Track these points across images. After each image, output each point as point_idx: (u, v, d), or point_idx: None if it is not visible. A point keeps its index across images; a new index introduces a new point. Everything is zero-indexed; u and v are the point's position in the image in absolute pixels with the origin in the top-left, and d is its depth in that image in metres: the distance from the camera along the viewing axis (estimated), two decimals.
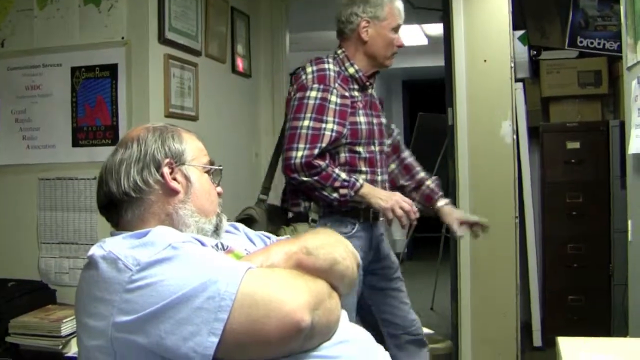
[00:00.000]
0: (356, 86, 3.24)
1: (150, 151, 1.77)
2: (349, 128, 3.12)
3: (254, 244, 2.00)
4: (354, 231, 3.16)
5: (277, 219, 3.28)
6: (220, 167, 1.94)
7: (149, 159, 1.76)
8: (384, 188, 3.27)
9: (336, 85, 3.13)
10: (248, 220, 3.20)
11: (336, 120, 3.07)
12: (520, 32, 5.31)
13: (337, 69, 3.21)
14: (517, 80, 5.03)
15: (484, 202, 4.38)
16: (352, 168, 3.16)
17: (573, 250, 5.16)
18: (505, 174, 4.27)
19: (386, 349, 2.10)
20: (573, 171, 5.20)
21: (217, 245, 1.75)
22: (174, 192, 1.77)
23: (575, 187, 5.20)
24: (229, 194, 2.06)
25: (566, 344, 1.98)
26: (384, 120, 3.42)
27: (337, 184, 3.03)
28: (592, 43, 5.39)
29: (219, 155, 2.04)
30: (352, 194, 3.04)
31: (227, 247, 1.77)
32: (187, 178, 1.80)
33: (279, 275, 1.53)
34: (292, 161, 3.02)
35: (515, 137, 4.64)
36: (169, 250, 1.49)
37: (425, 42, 8.56)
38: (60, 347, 3.07)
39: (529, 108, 5.31)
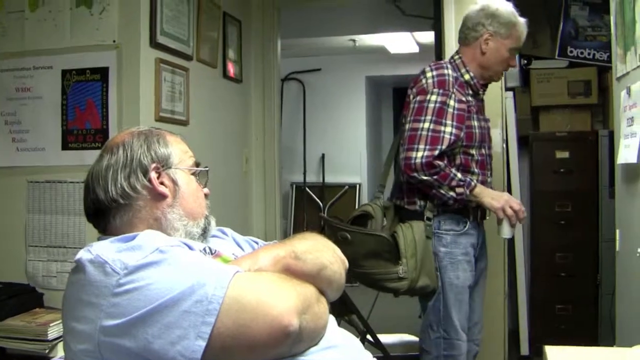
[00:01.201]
0: (470, 92, 3.38)
1: (136, 156, 1.76)
2: (465, 131, 3.27)
3: (242, 248, 2.00)
4: (465, 229, 3.34)
5: (392, 216, 3.50)
6: (207, 169, 1.94)
7: (136, 165, 1.75)
8: (492, 189, 3.42)
9: (454, 90, 3.26)
10: (364, 216, 3.44)
11: (454, 123, 3.21)
12: None
13: (455, 74, 3.33)
14: (507, 89, 5.05)
15: None
16: (465, 169, 3.31)
17: (561, 259, 5.17)
18: (495, 182, 4.26)
19: None
20: (562, 180, 5.21)
21: (205, 249, 1.75)
22: (162, 197, 1.76)
23: (564, 196, 5.21)
24: (220, 199, 2.07)
25: (553, 353, 1.98)
26: (490, 124, 3.54)
27: (453, 183, 3.19)
28: (582, 53, 5.41)
29: (209, 159, 2.05)
30: (468, 192, 3.21)
31: (215, 251, 1.77)
32: (174, 182, 1.80)
33: (266, 279, 1.53)
34: (413, 161, 3.17)
35: (505, 145, 4.64)
36: (156, 254, 1.49)
37: (416, 49, 8.57)
38: (47, 351, 3.05)
39: (519, 117, 5.32)
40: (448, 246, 3.30)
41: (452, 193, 3.20)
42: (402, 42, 8.27)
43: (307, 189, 9.52)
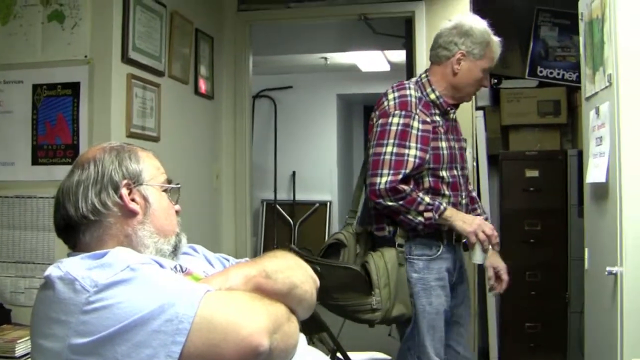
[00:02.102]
0: (437, 111, 3.28)
1: (107, 172, 1.75)
2: (431, 153, 3.17)
3: (212, 266, 2.00)
4: (439, 253, 3.23)
5: (364, 243, 3.41)
6: (178, 186, 1.93)
7: (107, 181, 1.74)
8: (467, 211, 3.36)
9: (417, 110, 3.18)
10: (337, 245, 3.38)
11: (419, 146, 3.13)
12: None
13: (418, 94, 3.26)
14: (477, 108, 5.09)
15: None
16: (435, 192, 3.22)
17: (531, 277, 5.19)
18: None
19: None
20: (531, 199, 5.25)
21: (175, 267, 1.74)
22: (133, 214, 1.75)
23: (534, 214, 5.24)
24: (190, 215, 2.06)
25: None
26: (464, 144, 3.48)
27: (421, 207, 3.10)
28: (551, 73, 5.46)
29: (179, 176, 2.04)
30: (437, 217, 3.11)
31: (186, 269, 1.77)
32: (145, 198, 1.79)
33: (237, 298, 1.53)
34: (377, 187, 3.09)
35: (475, 164, 4.67)
36: (127, 272, 1.48)
37: (387, 68, 8.62)
38: None
39: (489, 136, 5.35)
40: (420, 272, 3.21)
41: (420, 218, 3.11)
42: (374, 60, 8.33)
43: (277, 206, 9.53)
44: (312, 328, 3.54)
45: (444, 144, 3.23)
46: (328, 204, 9.48)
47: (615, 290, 2.69)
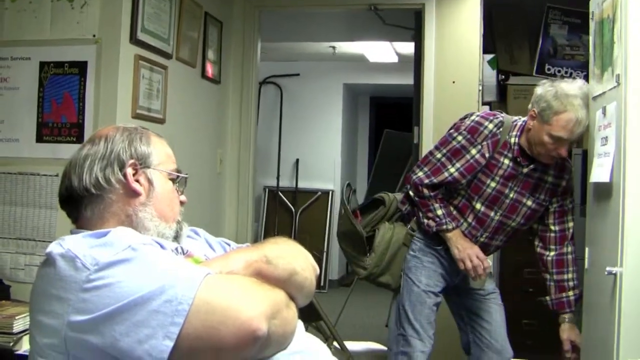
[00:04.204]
0: (510, 155, 3.33)
1: (116, 150, 1.76)
2: (473, 182, 3.36)
3: (213, 249, 2.00)
4: (439, 248, 3.47)
5: (396, 210, 3.73)
6: (186, 176, 1.93)
7: (114, 158, 1.75)
8: (484, 250, 3.45)
9: (483, 143, 3.32)
10: (378, 202, 3.76)
11: (461, 169, 3.33)
12: (489, 56, 5.34)
13: (496, 130, 3.33)
14: (484, 103, 5.08)
15: None
16: (460, 212, 3.43)
17: (529, 274, 5.18)
18: None
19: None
20: None
21: (176, 249, 1.74)
22: (135, 194, 1.75)
23: None
24: (193, 199, 2.06)
25: None
26: (532, 202, 3.41)
27: (430, 214, 3.39)
28: (559, 71, 5.45)
29: (184, 158, 2.04)
30: (434, 229, 3.38)
31: (187, 251, 1.77)
32: (150, 181, 1.79)
33: (237, 282, 1.53)
34: (412, 175, 3.45)
35: None
36: (128, 252, 1.48)
37: (395, 59, 8.60)
38: (12, 344, 3.02)
39: None
40: (417, 252, 3.48)
41: (425, 220, 3.40)
42: (382, 51, 8.31)
43: (279, 193, 9.52)
44: (310, 316, 3.56)
45: (492, 184, 3.35)
46: (330, 193, 9.46)
47: (614, 291, 2.68)
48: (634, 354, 2.60)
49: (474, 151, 3.31)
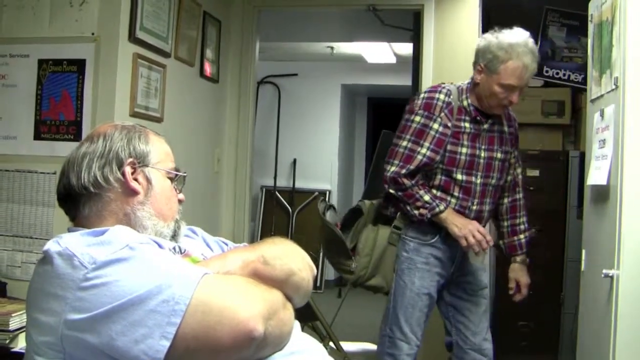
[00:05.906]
0: (468, 118, 3.35)
1: (114, 148, 1.75)
2: (446, 156, 3.32)
3: (211, 249, 2.00)
4: (433, 240, 3.41)
5: (374, 214, 3.69)
6: (185, 174, 1.93)
7: (112, 156, 1.74)
8: (480, 218, 3.42)
9: (441, 114, 3.32)
10: (357, 211, 3.74)
11: (431, 146, 3.31)
12: None
13: (448, 99, 3.34)
14: None
15: None
16: (445, 190, 3.37)
17: None
18: None
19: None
20: (531, 198, 5.20)
21: (174, 248, 1.74)
22: (134, 193, 1.75)
23: (533, 214, 5.20)
24: (190, 198, 2.06)
25: None
26: (502, 155, 3.47)
27: (418, 203, 3.32)
28: (557, 73, 5.46)
29: (181, 157, 2.04)
30: (429, 216, 3.30)
31: (184, 250, 1.77)
32: (148, 180, 1.78)
33: (234, 282, 1.53)
34: (386, 174, 3.37)
35: None
36: (125, 251, 1.48)
37: (393, 60, 8.60)
38: (8, 341, 3.01)
39: None
40: (409, 252, 3.41)
41: (415, 211, 3.33)
42: (380, 52, 8.31)
43: (277, 193, 9.51)
44: (306, 316, 3.57)
45: (464, 150, 3.33)
46: (327, 193, 9.46)
47: (611, 293, 2.69)
48: (630, 355, 2.61)
49: (436, 125, 3.30)
